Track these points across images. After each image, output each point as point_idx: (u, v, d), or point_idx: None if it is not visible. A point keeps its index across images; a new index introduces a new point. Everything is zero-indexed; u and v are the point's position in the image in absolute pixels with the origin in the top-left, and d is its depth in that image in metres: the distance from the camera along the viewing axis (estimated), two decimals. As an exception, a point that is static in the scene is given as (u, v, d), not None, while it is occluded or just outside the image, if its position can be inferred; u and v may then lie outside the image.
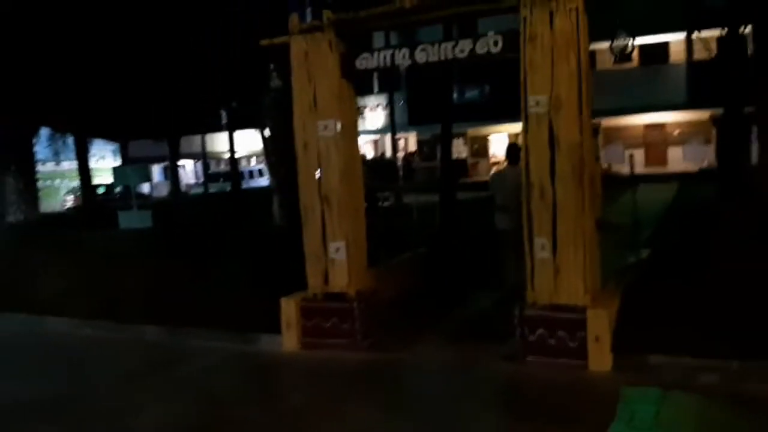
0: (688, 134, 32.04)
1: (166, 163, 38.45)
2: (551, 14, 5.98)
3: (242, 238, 12.14)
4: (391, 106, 23.45)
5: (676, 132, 32.16)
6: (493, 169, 7.47)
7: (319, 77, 7.04)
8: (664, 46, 29.71)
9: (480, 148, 35.73)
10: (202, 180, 42.98)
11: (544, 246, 6.16)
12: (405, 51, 6.75)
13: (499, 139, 35.56)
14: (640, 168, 23.34)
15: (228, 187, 32.50)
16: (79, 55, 16.44)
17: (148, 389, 6.46)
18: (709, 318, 6.15)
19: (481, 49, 6.41)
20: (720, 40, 25.73)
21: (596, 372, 5.88)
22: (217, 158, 44.34)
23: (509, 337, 6.36)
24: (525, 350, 6.23)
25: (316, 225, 7.18)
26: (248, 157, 45.07)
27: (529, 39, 6.07)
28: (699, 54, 28.99)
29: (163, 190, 36.90)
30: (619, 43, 24.13)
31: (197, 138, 38.92)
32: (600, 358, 5.91)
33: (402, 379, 6.41)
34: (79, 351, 8.08)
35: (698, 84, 29.06)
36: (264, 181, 38.18)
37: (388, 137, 35.14)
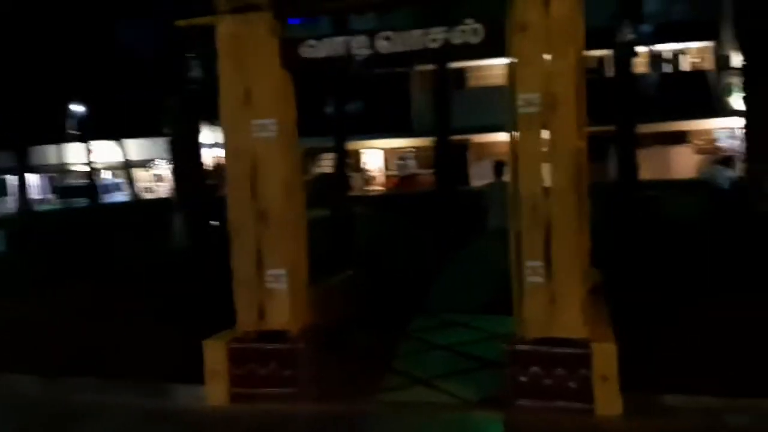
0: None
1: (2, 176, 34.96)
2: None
3: (134, 261, 10.32)
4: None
5: (545, 148, 33.10)
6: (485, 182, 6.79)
7: (254, 67, 5.74)
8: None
9: (353, 162, 35.02)
10: (48, 195, 39.08)
11: (536, 270, 5.25)
12: (363, 39, 5.62)
13: (372, 154, 35.06)
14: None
15: (83, 202, 29.39)
16: None
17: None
18: (714, 347, 5.53)
19: (457, 39, 5.43)
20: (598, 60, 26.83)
21: (605, 417, 5.01)
22: (65, 171, 40.48)
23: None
24: (514, 392, 5.27)
25: (250, 247, 5.84)
26: (98, 171, 41.64)
27: (520, 28, 5.18)
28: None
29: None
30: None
31: (41, 149, 35.45)
32: (608, 401, 5.05)
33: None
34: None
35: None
36: (121, 196, 35.21)
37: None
